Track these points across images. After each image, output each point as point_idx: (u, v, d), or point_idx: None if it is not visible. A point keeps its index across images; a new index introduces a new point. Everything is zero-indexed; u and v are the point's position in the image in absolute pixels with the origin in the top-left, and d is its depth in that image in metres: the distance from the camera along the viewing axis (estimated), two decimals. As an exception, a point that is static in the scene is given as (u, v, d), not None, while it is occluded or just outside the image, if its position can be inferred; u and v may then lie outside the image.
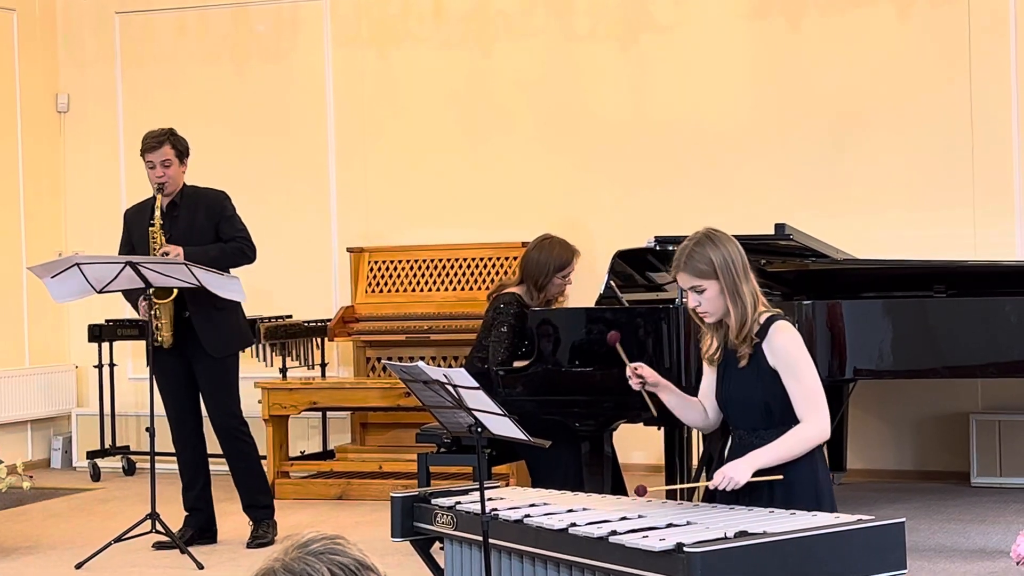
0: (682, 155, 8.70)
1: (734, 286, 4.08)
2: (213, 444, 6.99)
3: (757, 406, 4.12)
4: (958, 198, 8.18)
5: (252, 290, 7.21)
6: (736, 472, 3.99)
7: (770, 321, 4.11)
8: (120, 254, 6.89)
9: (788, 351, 4.09)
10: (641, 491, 4.04)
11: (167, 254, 6.60)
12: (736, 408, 4.19)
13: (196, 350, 6.79)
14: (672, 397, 4.31)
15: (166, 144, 6.82)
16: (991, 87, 8.14)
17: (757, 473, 4.02)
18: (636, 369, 4.27)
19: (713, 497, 4.11)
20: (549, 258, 6.50)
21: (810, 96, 8.48)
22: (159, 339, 6.75)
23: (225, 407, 6.88)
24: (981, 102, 8.15)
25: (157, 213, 6.79)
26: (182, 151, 6.89)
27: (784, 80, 8.54)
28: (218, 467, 7.13)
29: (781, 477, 4.02)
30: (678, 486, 4.92)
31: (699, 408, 4.31)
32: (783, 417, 4.10)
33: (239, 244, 6.87)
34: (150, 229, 6.79)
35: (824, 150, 8.45)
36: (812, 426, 4.08)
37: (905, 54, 8.31)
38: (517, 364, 6.32)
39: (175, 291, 6.66)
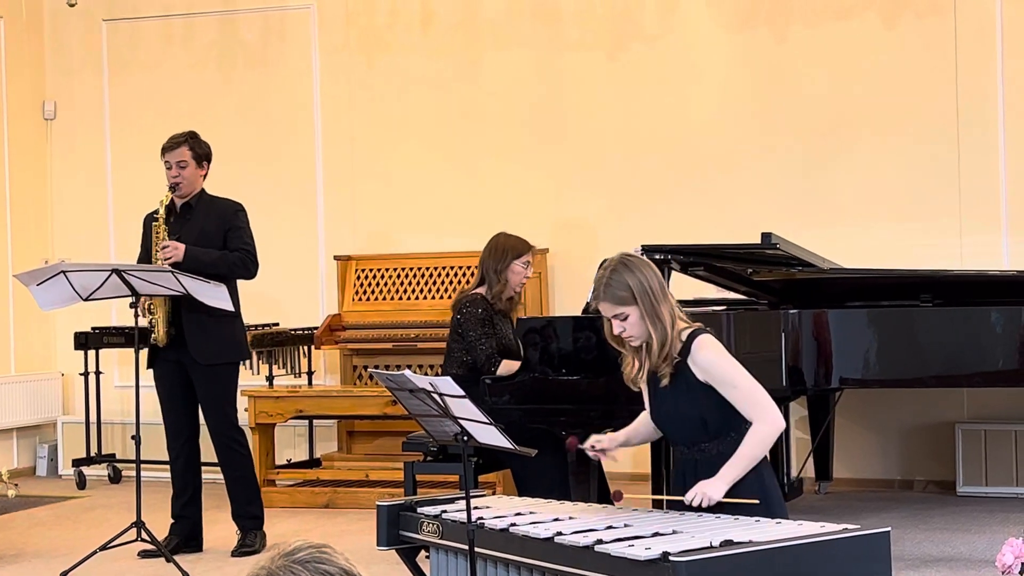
0: (669, 164, 8.71)
1: (653, 309, 4.13)
2: (207, 454, 6.98)
3: (692, 420, 4.17)
4: (944, 208, 8.20)
5: (239, 297, 7.19)
6: (711, 489, 4.05)
7: (691, 337, 4.16)
8: (139, 259, 6.92)
9: (715, 363, 4.14)
10: (618, 496, 4.09)
11: (167, 247, 6.62)
12: (671, 425, 4.27)
13: (188, 356, 6.80)
14: (635, 438, 4.44)
15: (183, 146, 6.87)
16: (977, 97, 8.17)
17: (731, 494, 4.06)
18: (595, 447, 4.34)
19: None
20: (507, 246, 6.54)
21: (796, 106, 8.50)
22: (154, 338, 6.77)
23: (221, 416, 6.87)
24: (967, 112, 8.17)
25: (162, 210, 6.82)
26: (201, 155, 6.93)
27: (771, 90, 8.55)
28: (208, 476, 7.12)
29: (757, 502, 4.06)
30: (663, 496, 4.93)
31: (647, 427, 4.42)
32: (720, 428, 4.16)
33: (241, 255, 6.87)
34: (153, 224, 6.83)
35: (811, 160, 8.47)
36: (764, 424, 4.12)
37: (891, 65, 8.33)
38: (507, 364, 6.33)
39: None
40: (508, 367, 6.32)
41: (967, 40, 8.18)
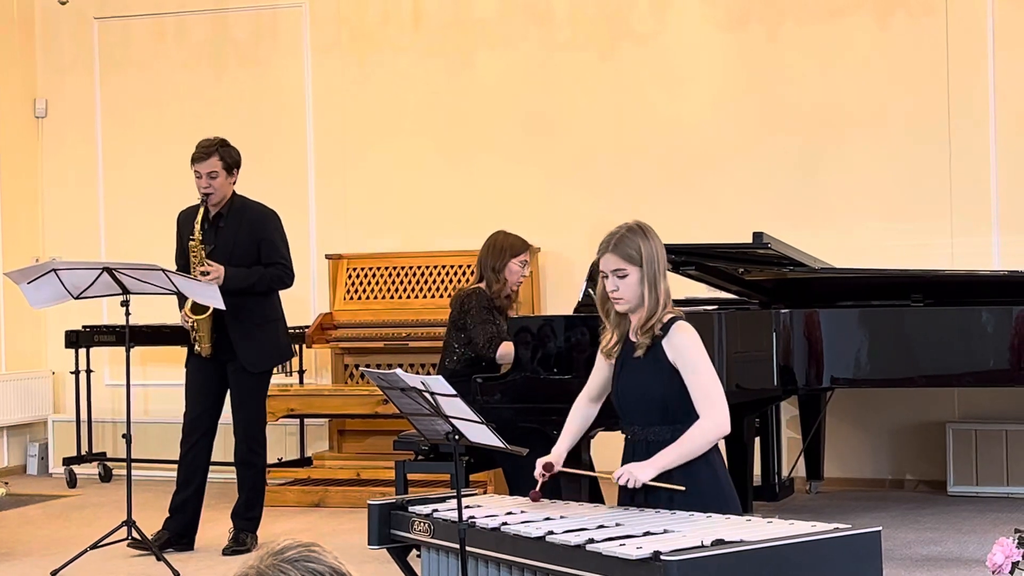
0: (660, 163, 8.71)
1: (654, 279, 4.22)
2: (217, 454, 6.98)
3: (654, 400, 4.22)
4: (935, 208, 8.21)
5: (281, 302, 7.19)
6: (640, 472, 4.11)
7: (672, 321, 4.22)
8: (176, 259, 6.92)
9: (688, 347, 4.19)
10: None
11: (206, 274, 6.60)
12: (631, 402, 4.29)
13: (234, 362, 6.81)
14: (575, 436, 4.56)
15: (214, 155, 6.78)
16: (969, 97, 8.18)
17: (660, 478, 4.10)
18: (545, 473, 4.40)
19: (625, 498, 4.20)
20: (504, 244, 6.59)
21: (788, 105, 8.50)
22: (198, 349, 6.80)
23: (251, 418, 6.91)
24: (959, 112, 8.19)
25: (197, 227, 6.75)
26: (231, 163, 6.85)
27: (763, 89, 8.56)
28: (214, 476, 7.11)
29: (683, 489, 4.09)
30: (591, 473, 5.06)
31: (581, 416, 4.55)
32: (678, 415, 4.19)
33: (278, 271, 6.87)
34: (189, 243, 6.76)
35: (802, 159, 8.48)
36: (710, 420, 4.16)
37: (883, 64, 8.34)
38: (507, 346, 6.35)
39: (210, 309, 6.65)
40: (507, 348, 6.34)
41: (958, 40, 8.19)
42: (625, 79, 8.80)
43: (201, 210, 6.78)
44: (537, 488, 4.39)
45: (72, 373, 9.29)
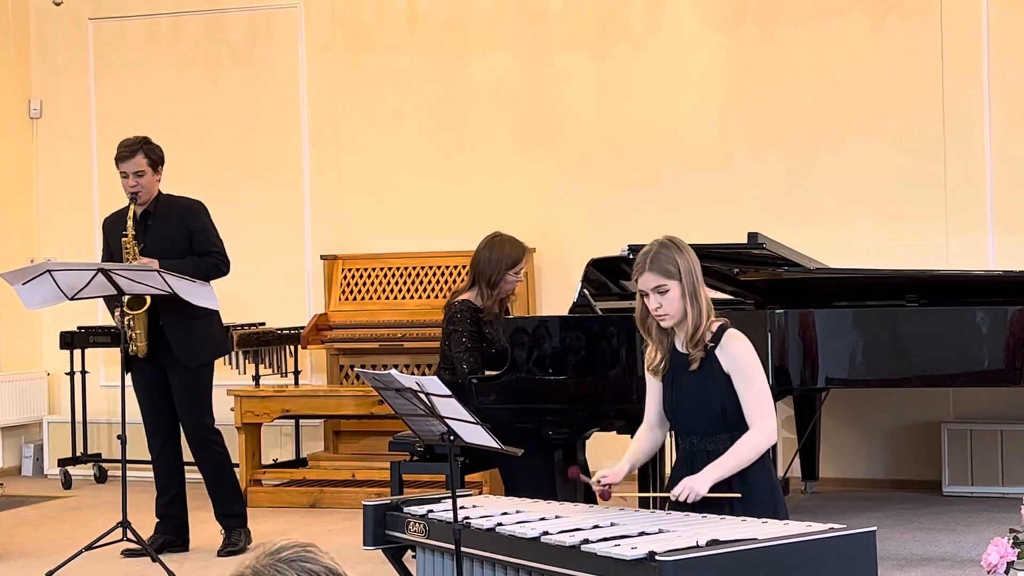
0: (655, 164, 8.71)
1: (694, 290, 4.21)
2: (189, 453, 6.97)
3: (713, 410, 4.20)
4: (930, 208, 8.21)
5: (225, 297, 7.18)
6: (697, 484, 4.10)
7: (722, 329, 4.23)
8: (102, 261, 6.88)
9: (743, 355, 4.20)
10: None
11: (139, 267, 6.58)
12: (688, 413, 4.26)
13: (170, 358, 6.77)
14: (639, 460, 4.45)
15: (139, 154, 6.78)
16: (963, 98, 8.18)
17: (715, 488, 4.09)
18: (601, 481, 4.32)
19: (675, 508, 4.16)
20: (501, 256, 6.36)
21: (783, 106, 8.50)
22: (133, 348, 6.74)
23: (197, 415, 6.86)
24: (953, 113, 8.19)
25: (129, 224, 6.76)
26: (156, 160, 6.84)
27: (757, 90, 8.56)
28: (194, 476, 7.11)
29: (739, 496, 4.09)
30: (648, 494, 4.93)
31: (647, 441, 4.42)
32: (736, 422, 4.19)
33: (214, 260, 6.84)
34: (122, 240, 6.76)
35: (797, 160, 8.48)
36: (761, 431, 4.17)
37: (878, 65, 8.34)
38: (489, 374, 6.32)
39: (147, 302, 6.63)
40: None
41: (953, 41, 8.20)
42: (619, 80, 8.80)
43: (131, 208, 6.77)
44: (576, 475, 4.42)
45: (67, 374, 9.29)
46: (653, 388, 4.37)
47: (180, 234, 6.82)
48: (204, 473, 6.92)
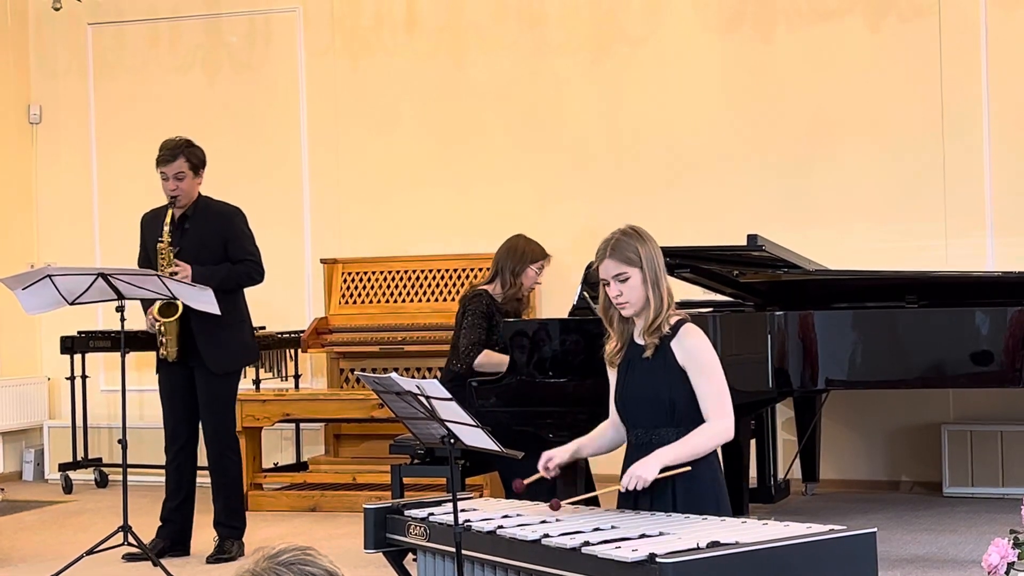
0: (654, 167, 8.72)
1: (656, 278, 4.19)
2: (202, 459, 6.98)
3: (661, 402, 4.17)
4: (929, 210, 8.22)
5: (246, 302, 7.18)
6: (644, 470, 4.06)
7: (680, 323, 4.20)
8: (139, 260, 6.90)
9: (700, 350, 4.17)
10: (555, 506, 4.12)
11: (175, 274, 6.58)
12: (637, 405, 4.24)
13: (199, 364, 6.79)
14: (588, 447, 4.43)
15: (180, 157, 6.75)
16: (962, 99, 8.19)
17: (665, 469, 4.07)
18: (547, 463, 4.33)
19: (627, 499, 4.16)
20: (526, 249, 6.72)
21: (781, 108, 8.51)
22: (163, 353, 6.76)
23: (220, 422, 6.87)
24: (952, 114, 8.20)
25: (166, 230, 6.73)
26: (197, 163, 6.81)
27: (755, 92, 8.57)
28: (201, 479, 7.11)
29: (689, 468, 4.08)
30: (589, 495, 4.92)
31: (602, 435, 4.42)
32: (684, 417, 4.15)
33: (247, 267, 6.85)
34: (158, 245, 6.73)
35: (796, 162, 8.49)
36: (717, 424, 4.14)
37: (876, 67, 8.35)
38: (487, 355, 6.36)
39: (179, 309, 6.64)
40: (488, 357, 6.35)
41: (951, 43, 8.20)
42: (618, 82, 8.81)
43: (169, 212, 6.77)
44: (525, 481, 4.37)
45: (67, 379, 9.29)
46: (613, 382, 4.36)
47: (216, 240, 6.82)
48: (215, 479, 6.92)
